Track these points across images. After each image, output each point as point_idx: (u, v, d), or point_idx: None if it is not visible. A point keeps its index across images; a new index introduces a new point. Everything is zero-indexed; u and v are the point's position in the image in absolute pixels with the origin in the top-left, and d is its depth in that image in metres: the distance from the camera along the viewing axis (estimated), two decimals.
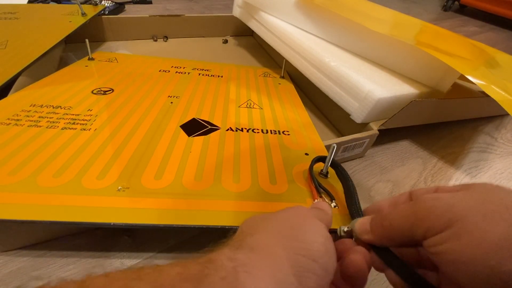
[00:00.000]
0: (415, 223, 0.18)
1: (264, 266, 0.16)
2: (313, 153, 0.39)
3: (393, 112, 0.46)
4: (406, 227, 0.18)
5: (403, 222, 0.19)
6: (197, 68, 0.64)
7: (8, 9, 0.69)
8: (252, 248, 0.17)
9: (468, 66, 0.48)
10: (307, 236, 0.18)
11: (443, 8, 1.66)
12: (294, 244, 0.18)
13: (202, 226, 0.27)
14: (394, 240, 0.19)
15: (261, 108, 0.50)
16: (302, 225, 0.19)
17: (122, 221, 0.26)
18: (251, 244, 0.18)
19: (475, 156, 0.55)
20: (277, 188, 0.33)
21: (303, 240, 0.18)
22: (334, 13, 0.58)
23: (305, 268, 0.17)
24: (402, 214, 0.19)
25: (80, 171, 0.31)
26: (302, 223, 0.19)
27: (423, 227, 0.17)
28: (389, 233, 0.20)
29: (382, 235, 0.20)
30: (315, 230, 0.19)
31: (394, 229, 0.19)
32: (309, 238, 0.18)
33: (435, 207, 0.17)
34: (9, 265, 0.30)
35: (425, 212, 0.17)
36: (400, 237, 0.19)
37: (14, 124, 0.37)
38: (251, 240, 0.18)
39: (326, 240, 0.19)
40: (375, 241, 0.21)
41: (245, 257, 0.16)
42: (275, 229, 0.19)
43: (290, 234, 0.18)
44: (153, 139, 0.38)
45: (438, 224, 0.17)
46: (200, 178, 0.33)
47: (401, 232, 0.19)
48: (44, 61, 0.54)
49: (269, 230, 0.19)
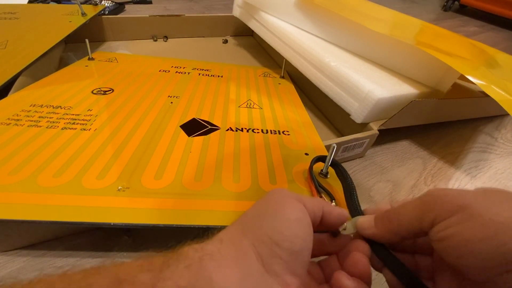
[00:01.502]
0: (425, 212, 0.18)
1: (230, 255, 0.17)
2: (313, 153, 0.39)
3: (393, 112, 0.46)
4: (414, 216, 0.18)
5: (411, 213, 0.19)
6: (197, 68, 0.64)
7: (8, 9, 0.69)
8: (221, 240, 0.18)
9: (468, 66, 0.48)
10: (272, 221, 0.18)
11: (443, 8, 1.66)
12: (257, 231, 0.18)
13: (202, 226, 0.27)
14: (399, 233, 0.20)
15: (261, 108, 0.50)
16: (271, 208, 0.19)
17: (122, 221, 0.26)
18: (220, 236, 0.18)
19: (475, 156, 0.55)
20: (277, 187, 0.33)
21: (266, 225, 0.18)
22: (334, 13, 0.58)
23: (269, 253, 0.17)
24: (410, 206, 0.19)
25: (80, 171, 0.31)
26: (272, 206, 0.20)
27: (432, 213, 0.17)
28: (395, 226, 0.20)
29: (387, 229, 0.20)
30: (285, 211, 0.19)
31: (401, 221, 0.19)
32: (273, 223, 0.18)
33: (444, 195, 0.18)
34: (9, 265, 0.30)
35: (434, 200, 0.18)
36: (406, 229, 0.19)
37: (14, 124, 0.37)
38: (221, 233, 0.19)
39: (295, 222, 0.19)
40: (378, 236, 0.21)
41: (213, 247, 0.17)
42: (245, 219, 0.19)
43: (254, 223, 0.19)
44: (153, 139, 0.38)
45: (447, 209, 0.17)
46: (200, 178, 0.33)
47: (408, 223, 0.19)
48: (44, 61, 0.54)
49: (239, 221, 0.20)
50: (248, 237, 0.18)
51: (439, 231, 0.17)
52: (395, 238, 0.20)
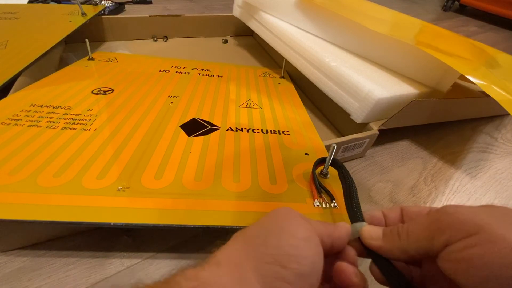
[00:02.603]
0: (437, 231, 0.17)
1: (228, 282, 0.15)
2: (313, 153, 0.39)
3: (393, 112, 0.46)
4: (426, 236, 0.17)
5: (422, 231, 0.18)
6: (197, 68, 0.64)
7: (8, 9, 0.69)
8: (219, 264, 0.16)
9: (468, 66, 0.48)
10: (277, 239, 0.17)
11: (443, 8, 1.66)
12: (260, 251, 0.16)
13: (202, 226, 0.27)
14: (407, 252, 0.18)
15: (261, 108, 0.50)
16: (274, 228, 0.18)
17: (122, 221, 0.26)
18: (218, 259, 0.16)
19: (475, 156, 0.55)
20: (277, 188, 0.33)
21: (271, 245, 0.17)
22: (334, 13, 0.58)
23: (273, 276, 0.15)
24: (422, 223, 0.18)
25: (80, 171, 0.31)
26: (276, 224, 0.18)
27: (446, 233, 0.16)
28: (404, 243, 0.18)
29: (396, 244, 0.19)
30: (287, 231, 0.17)
31: (411, 239, 0.18)
32: (277, 241, 0.17)
33: (459, 214, 0.17)
34: (9, 265, 0.30)
35: (448, 219, 0.17)
36: (416, 247, 0.18)
37: (14, 124, 0.37)
38: (219, 254, 0.17)
39: (301, 242, 0.17)
40: (385, 249, 0.19)
41: (209, 274, 0.15)
42: (244, 238, 0.18)
43: (257, 242, 0.17)
44: (153, 139, 0.38)
45: (463, 229, 0.16)
46: (200, 178, 0.33)
47: (418, 242, 0.18)
48: (44, 61, 0.54)
49: (238, 240, 0.18)
50: (250, 259, 0.16)
51: (454, 251, 0.16)
52: (402, 255, 0.19)
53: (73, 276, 0.30)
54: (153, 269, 0.31)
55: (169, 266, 0.32)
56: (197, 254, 0.33)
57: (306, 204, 0.31)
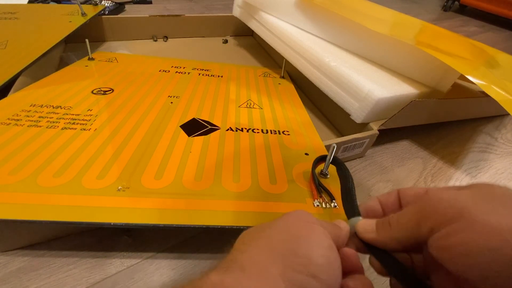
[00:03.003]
0: (423, 218, 0.17)
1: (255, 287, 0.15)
2: (313, 153, 0.39)
3: (393, 112, 0.46)
4: (413, 224, 0.18)
5: (410, 220, 0.18)
6: (197, 68, 0.64)
7: (8, 9, 0.69)
8: (243, 268, 0.16)
9: (468, 66, 0.48)
10: (305, 247, 0.17)
11: (443, 8, 1.66)
12: (289, 259, 0.16)
13: (202, 226, 0.27)
14: (400, 241, 0.19)
15: (261, 108, 0.50)
16: (299, 235, 0.18)
17: (122, 221, 0.26)
18: (241, 263, 0.16)
19: (475, 156, 0.55)
20: (277, 188, 0.33)
21: (300, 253, 0.16)
22: (334, 13, 0.58)
23: (302, 286, 0.16)
24: (410, 211, 0.19)
25: (80, 171, 0.31)
26: (300, 232, 0.18)
27: (430, 220, 0.17)
28: (395, 232, 0.19)
29: (388, 235, 0.19)
30: (315, 240, 0.17)
31: (401, 227, 0.19)
32: (307, 251, 0.17)
33: (442, 200, 0.17)
34: (9, 265, 0.30)
35: (432, 206, 0.17)
36: (406, 236, 0.18)
37: (14, 124, 0.37)
38: (241, 258, 0.17)
39: (328, 251, 0.17)
40: (380, 241, 0.20)
41: (233, 281, 0.15)
42: (269, 243, 0.17)
43: (285, 247, 0.17)
44: (153, 139, 0.38)
45: (445, 216, 0.16)
46: (200, 178, 0.33)
47: (407, 230, 0.18)
48: (44, 61, 0.54)
49: (262, 244, 0.17)
50: (277, 265, 0.16)
51: (439, 239, 0.16)
52: (396, 245, 0.19)
53: (73, 276, 0.30)
54: (153, 269, 0.31)
55: (169, 266, 0.32)
56: (197, 254, 0.33)
57: (306, 204, 0.31)
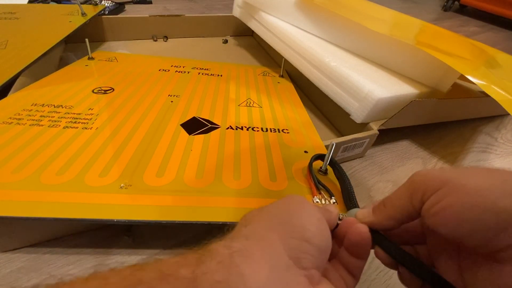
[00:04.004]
0: (413, 191, 0.19)
1: (258, 250, 0.17)
2: (312, 151, 0.40)
3: (393, 112, 0.46)
4: (406, 199, 0.20)
5: (402, 195, 0.20)
6: (196, 67, 0.64)
7: (8, 9, 0.69)
8: (247, 237, 0.18)
9: (468, 66, 0.48)
10: (300, 219, 0.19)
11: (443, 8, 1.66)
12: (287, 228, 0.19)
13: (204, 222, 0.27)
14: (394, 217, 0.21)
15: (260, 107, 0.50)
16: (295, 210, 0.20)
17: (125, 218, 0.27)
18: (245, 234, 0.19)
19: (475, 156, 0.55)
20: (277, 185, 0.33)
21: (296, 223, 0.19)
22: (334, 13, 0.58)
23: (299, 249, 0.18)
24: (401, 189, 0.21)
25: (82, 169, 0.31)
26: (295, 208, 0.20)
27: (420, 191, 0.19)
28: (390, 210, 0.21)
29: (383, 214, 0.21)
30: (308, 213, 0.20)
31: (395, 204, 0.21)
32: (302, 222, 0.19)
33: (429, 174, 0.19)
34: (9, 265, 0.30)
35: (420, 180, 0.19)
36: (401, 211, 0.20)
37: (16, 123, 0.37)
38: (245, 230, 0.19)
39: (318, 222, 0.20)
40: (376, 222, 0.22)
41: (240, 245, 0.17)
42: (268, 217, 0.20)
43: (283, 220, 0.19)
44: (154, 137, 0.38)
45: (433, 185, 0.18)
46: (201, 175, 0.33)
47: (401, 205, 0.20)
48: (44, 61, 0.54)
49: (263, 218, 0.20)
50: (276, 232, 0.18)
51: (430, 207, 0.18)
52: (392, 222, 0.21)
53: (73, 276, 0.30)
54: None
55: None
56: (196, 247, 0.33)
57: None
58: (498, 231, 0.16)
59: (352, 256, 0.21)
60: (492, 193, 0.16)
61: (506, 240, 0.16)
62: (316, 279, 0.18)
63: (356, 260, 0.21)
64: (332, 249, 0.23)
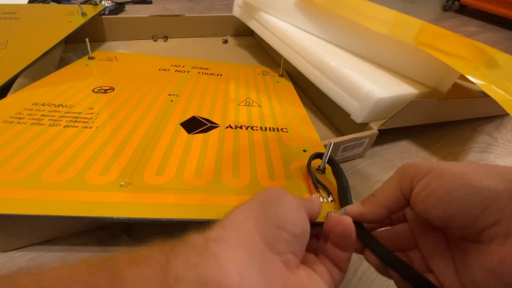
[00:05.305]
0: (402, 178, 0.21)
1: (234, 237, 0.18)
2: (311, 150, 0.40)
3: (393, 112, 0.46)
4: (395, 187, 0.21)
5: (392, 183, 0.22)
6: (196, 66, 0.64)
7: (8, 9, 0.69)
8: (224, 226, 0.19)
9: (468, 66, 0.48)
10: (275, 208, 0.20)
11: (443, 8, 1.66)
12: (261, 216, 0.20)
13: (203, 220, 0.27)
14: (384, 205, 0.22)
15: (260, 106, 0.50)
16: (273, 200, 0.21)
17: (125, 216, 0.27)
18: (222, 224, 0.19)
19: (475, 156, 0.55)
20: (275, 183, 0.33)
21: (272, 212, 0.20)
22: (334, 13, 0.58)
23: (274, 235, 0.19)
24: (390, 178, 0.22)
25: (83, 168, 0.31)
26: (273, 197, 0.21)
27: (409, 177, 0.20)
28: (380, 199, 0.22)
29: (373, 204, 0.23)
30: (283, 203, 0.21)
31: (384, 193, 0.22)
32: (277, 210, 0.20)
33: (417, 162, 0.21)
34: (9, 265, 0.30)
35: (409, 166, 0.21)
36: (391, 199, 0.21)
37: (17, 123, 0.37)
38: (222, 221, 0.20)
39: (295, 210, 0.21)
40: (366, 212, 0.23)
41: (216, 234, 0.18)
42: (246, 208, 0.21)
43: (259, 209, 0.20)
44: (154, 136, 0.38)
45: (421, 171, 0.20)
46: (201, 174, 0.33)
47: (391, 194, 0.21)
48: (44, 61, 0.54)
49: (240, 209, 0.21)
50: (252, 221, 0.19)
51: (420, 191, 0.19)
52: (382, 210, 0.22)
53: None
54: None
55: None
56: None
57: None
58: (483, 208, 0.17)
59: (337, 248, 0.22)
60: (476, 175, 0.18)
61: (490, 217, 0.17)
62: (293, 263, 0.19)
63: (341, 252, 0.22)
64: (320, 244, 0.24)
